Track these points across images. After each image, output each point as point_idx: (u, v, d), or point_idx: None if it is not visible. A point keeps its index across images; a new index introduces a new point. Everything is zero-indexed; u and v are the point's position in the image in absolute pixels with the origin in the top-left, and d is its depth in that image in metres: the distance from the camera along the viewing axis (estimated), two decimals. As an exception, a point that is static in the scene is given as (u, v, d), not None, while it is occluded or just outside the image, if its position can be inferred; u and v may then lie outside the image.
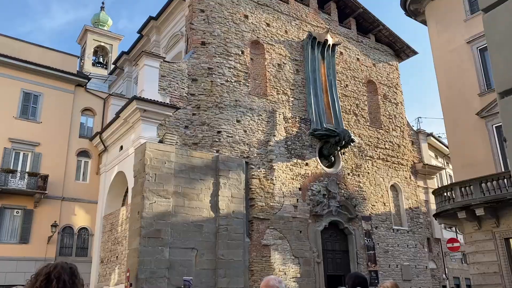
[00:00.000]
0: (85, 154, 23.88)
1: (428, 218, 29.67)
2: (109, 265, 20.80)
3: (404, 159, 29.59)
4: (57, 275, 2.15)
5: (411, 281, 26.24)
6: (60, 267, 2.19)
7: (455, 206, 15.55)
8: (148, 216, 17.46)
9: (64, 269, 2.20)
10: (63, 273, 2.17)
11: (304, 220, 22.72)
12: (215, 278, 18.39)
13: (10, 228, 20.84)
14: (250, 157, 21.89)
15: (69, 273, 2.20)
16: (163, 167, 18.39)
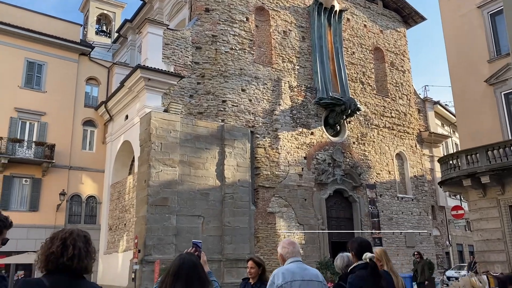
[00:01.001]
0: (91, 123, 23.95)
1: (433, 186, 29.80)
2: (117, 232, 21.22)
3: (410, 128, 29.44)
4: (73, 242, 2.17)
5: (415, 247, 26.55)
6: (76, 234, 2.22)
7: (461, 174, 15.56)
8: (154, 184, 17.65)
9: (79, 236, 2.22)
10: (78, 240, 2.19)
11: (309, 189, 22.89)
12: (222, 245, 18.75)
13: (19, 196, 21.20)
14: (255, 127, 21.86)
15: (83, 241, 2.22)
16: (168, 136, 18.44)
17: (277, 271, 3.48)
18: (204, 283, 2.71)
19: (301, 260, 3.64)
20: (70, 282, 2.14)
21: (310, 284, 3.42)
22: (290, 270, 3.44)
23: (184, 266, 2.71)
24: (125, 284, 17.93)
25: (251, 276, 4.87)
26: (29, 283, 2.13)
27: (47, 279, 2.12)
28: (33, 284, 2.11)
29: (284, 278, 3.37)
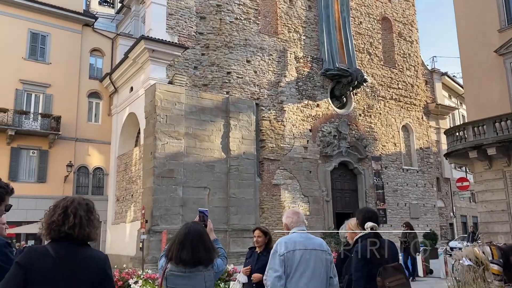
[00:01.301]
0: (96, 95, 23.92)
1: (438, 158, 29.77)
2: (124, 203, 21.52)
3: (417, 99, 29.16)
4: (74, 210, 2.19)
5: (419, 219, 26.83)
6: (77, 203, 2.23)
7: (467, 146, 15.49)
8: (160, 156, 17.76)
9: (80, 205, 2.23)
10: (79, 209, 2.21)
11: (314, 161, 22.94)
12: (227, 215, 19.00)
13: (27, 168, 21.45)
14: (261, 99, 21.74)
15: (85, 209, 2.23)
16: (173, 108, 18.42)
17: (280, 240, 3.52)
18: (209, 250, 2.81)
19: (305, 229, 3.66)
20: (74, 250, 2.17)
21: (313, 253, 3.45)
22: (293, 239, 3.48)
23: (189, 235, 2.80)
24: (133, 254, 18.32)
25: (258, 245, 4.97)
26: (34, 250, 2.17)
27: (52, 247, 2.15)
28: (38, 251, 2.15)
29: (286, 247, 3.41)
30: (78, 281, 2.12)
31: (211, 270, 2.82)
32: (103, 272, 2.20)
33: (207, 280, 2.79)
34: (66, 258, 2.14)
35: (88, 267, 2.17)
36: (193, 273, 2.76)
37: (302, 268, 3.37)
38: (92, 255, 2.22)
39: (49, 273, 2.09)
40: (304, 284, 3.33)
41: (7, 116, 20.53)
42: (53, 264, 2.11)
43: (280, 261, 3.35)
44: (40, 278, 2.08)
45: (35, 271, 2.09)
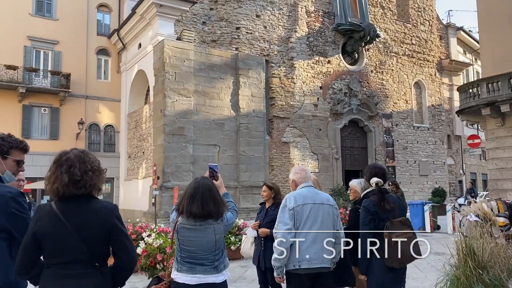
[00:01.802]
0: (105, 52, 23.72)
1: (450, 116, 29.44)
2: (136, 160, 21.85)
3: (430, 55, 28.47)
4: (68, 165, 2.21)
5: (428, 176, 26.92)
6: (68, 159, 2.24)
7: (480, 103, 15.24)
8: (170, 114, 17.80)
9: (70, 160, 2.23)
10: (73, 165, 2.21)
11: (324, 119, 22.84)
12: (237, 172, 19.23)
13: (40, 125, 21.70)
14: (270, 55, 21.39)
15: (79, 162, 2.23)
16: (182, 65, 18.25)
17: (289, 195, 3.61)
18: (218, 204, 2.88)
19: (312, 185, 3.75)
20: (80, 205, 2.20)
21: (321, 207, 3.53)
22: (301, 194, 3.58)
23: (199, 189, 2.87)
24: (146, 209, 18.79)
25: (264, 199, 5.11)
26: (41, 210, 2.23)
27: (57, 205, 2.19)
28: (44, 211, 2.21)
29: (296, 201, 3.51)
30: (88, 235, 2.16)
31: (220, 223, 2.88)
32: (111, 223, 2.23)
33: (217, 233, 2.86)
34: (71, 214, 2.17)
35: (96, 220, 2.20)
36: (203, 226, 2.83)
37: (311, 222, 3.47)
38: (98, 207, 2.24)
39: (58, 232, 2.14)
40: (313, 236, 3.44)
41: (17, 73, 20.56)
42: (59, 223, 2.15)
43: (290, 214, 3.45)
44: (49, 238, 2.14)
45: (43, 232, 2.15)
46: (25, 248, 2.16)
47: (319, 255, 3.43)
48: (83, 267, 2.16)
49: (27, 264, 2.17)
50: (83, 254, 2.15)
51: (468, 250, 4.74)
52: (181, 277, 2.81)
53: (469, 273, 4.60)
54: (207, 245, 2.83)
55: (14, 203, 2.38)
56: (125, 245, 2.28)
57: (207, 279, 2.80)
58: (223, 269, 2.89)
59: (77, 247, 2.14)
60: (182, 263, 2.85)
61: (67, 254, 2.15)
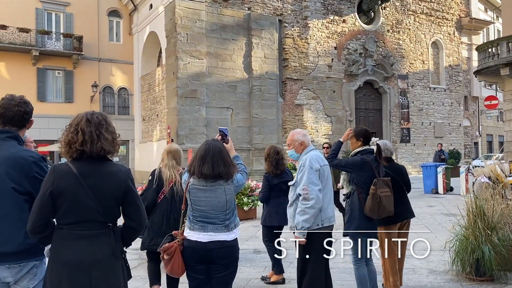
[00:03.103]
0: (116, 14, 23.46)
1: (468, 76, 28.76)
2: (150, 123, 22.04)
3: (449, 13, 27.50)
4: (83, 127, 2.23)
5: (443, 138, 26.66)
6: (85, 119, 2.26)
7: (499, 63, 14.83)
8: (183, 76, 17.75)
9: (89, 121, 2.26)
10: (89, 125, 2.24)
11: (338, 80, 22.53)
12: (250, 135, 19.31)
13: (54, 88, 21.90)
14: (284, 15, 20.91)
15: (96, 124, 2.26)
16: (194, 26, 18.00)
17: (310, 156, 3.72)
18: (228, 165, 2.95)
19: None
20: (95, 166, 2.25)
21: (327, 168, 3.81)
22: (319, 156, 3.77)
23: (210, 151, 2.94)
24: (161, 171, 19.11)
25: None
26: (58, 169, 2.26)
27: (73, 165, 2.24)
28: (61, 170, 2.25)
29: (318, 162, 3.69)
30: (104, 195, 2.22)
31: (231, 184, 2.94)
32: (126, 185, 2.28)
33: (227, 193, 2.93)
34: (88, 174, 2.21)
35: (110, 181, 2.25)
36: (214, 186, 2.91)
37: (326, 182, 3.70)
38: (113, 170, 2.29)
39: (74, 191, 2.19)
40: (330, 195, 3.74)
41: (30, 36, 20.56)
42: (76, 182, 2.19)
43: (317, 175, 3.62)
44: (66, 197, 2.19)
45: (60, 191, 2.19)
46: (41, 206, 2.18)
47: (333, 213, 3.75)
48: (97, 227, 2.21)
49: (42, 222, 2.19)
50: (98, 214, 2.20)
51: (478, 211, 4.78)
52: (194, 235, 2.92)
53: (478, 234, 4.66)
54: (218, 205, 2.92)
55: (36, 167, 2.44)
56: (138, 207, 2.35)
57: (218, 236, 2.90)
58: (233, 228, 2.98)
59: (93, 206, 2.19)
60: (194, 222, 2.95)
61: (82, 214, 2.20)
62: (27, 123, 2.63)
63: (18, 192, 2.36)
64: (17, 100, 2.57)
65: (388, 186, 4.09)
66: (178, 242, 2.96)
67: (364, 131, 4.35)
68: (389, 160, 4.80)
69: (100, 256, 2.20)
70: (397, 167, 4.81)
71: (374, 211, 3.98)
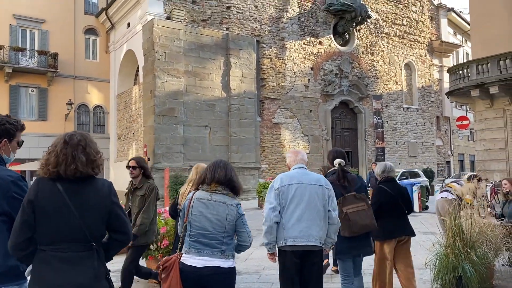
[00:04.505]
0: (93, 31, 23.28)
1: (439, 97, 29.65)
2: (126, 141, 21.72)
3: (421, 36, 28.48)
4: (57, 150, 2.20)
5: (417, 157, 27.24)
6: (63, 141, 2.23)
7: (470, 84, 15.35)
8: (160, 95, 17.65)
9: (66, 143, 2.23)
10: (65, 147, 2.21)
11: (314, 100, 22.85)
12: (228, 154, 19.25)
13: (27, 106, 21.39)
14: (261, 35, 21.20)
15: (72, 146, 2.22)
16: (172, 45, 18.02)
17: (278, 176, 3.73)
18: (237, 177, 3.15)
19: (304, 167, 3.81)
20: (80, 184, 2.20)
21: (308, 187, 3.59)
22: (289, 175, 3.69)
23: (221, 162, 3.16)
24: (137, 190, 18.76)
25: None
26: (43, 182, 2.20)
27: (58, 182, 2.18)
28: (44, 182, 2.19)
29: (282, 182, 3.62)
30: (89, 214, 2.17)
31: (234, 207, 2.97)
32: (110, 200, 2.26)
33: (228, 213, 2.93)
34: (74, 193, 2.17)
35: (97, 199, 2.22)
36: (217, 202, 2.95)
37: (297, 201, 3.54)
38: (98, 186, 2.25)
39: (58, 209, 2.13)
40: (298, 215, 3.52)
41: (3, 52, 20.13)
42: (60, 198, 2.14)
43: (275, 194, 3.57)
44: (48, 213, 2.13)
45: (43, 205, 2.13)
46: (23, 219, 2.11)
47: (305, 234, 3.49)
48: (80, 248, 2.15)
49: (25, 237, 2.11)
50: (81, 234, 2.14)
51: (457, 229, 4.86)
52: (189, 259, 2.89)
53: (458, 252, 4.73)
54: (217, 223, 2.91)
55: (15, 187, 2.38)
56: (124, 221, 2.32)
57: (213, 262, 2.85)
58: (230, 257, 2.93)
59: (76, 225, 2.13)
60: (190, 244, 2.93)
61: (64, 232, 2.13)
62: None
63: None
64: None
65: (361, 200, 4.13)
66: (177, 257, 2.94)
67: (330, 153, 4.60)
68: (391, 180, 4.94)
69: (82, 280, 2.13)
70: (398, 188, 4.90)
71: (344, 229, 3.96)
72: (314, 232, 3.51)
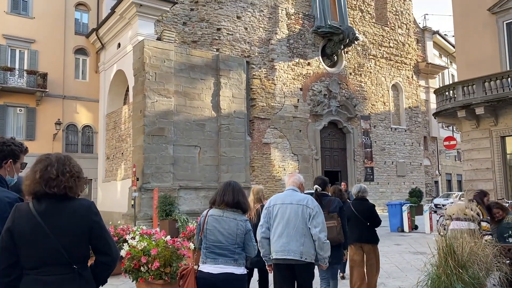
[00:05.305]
0: (83, 51, 23.32)
1: (426, 117, 30.10)
2: (115, 161, 21.54)
3: (407, 58, 29.06)
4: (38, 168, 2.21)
5: (405, 176, 27.45)
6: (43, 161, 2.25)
7: (456, 105, 15.65)
8: (150, 114, 17.64)
9: (43, 162, 2.24)
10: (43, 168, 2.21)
11: (304, 120, 23.03)
12: (218, 173, 19.19)
13: (15, 125, 21.17)
14: (251, 56, 21.45)
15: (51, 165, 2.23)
16: (162, 65, 18.11)
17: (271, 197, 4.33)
18: (245, 198, 3.60)
19: (294, 188, 4.24)
20: (56, 204, 2.19)
21: (289, 206, 4.04)
22: (277, 196, 4.25)
23: (230, 185, 3.60)
24: (125, 210, 18.55)
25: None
26: (18, 210, 2.21)
27: (33, 204, 2.19)
28: (21, 210, 2.19)
29: (269, 202, 4.22)
30: (66, 236, 2.14)
31: (244, 222, 3.42)
32: (89, 220, 2.21)
33: (238, 228, 3.38)
34: (48, 214, 2.15)
35: (74, 220, 2.18)
36: (228, 218, 3.40)
37: (278, 219, 4.05)
38: (75, 206, 2.21)
39: (34, 233, 2.12)
40: (279, 232, 4.00)
41: (-9, 72, 20.02)
42: (35, 222, 2.13)
43: (264, 214, 4.18)
44: (25, 238, 2.12)
45: (19, 231, 2.13)
46: (2, 247, 2.12)
47: (285, 248, 3.93)
48: (61, 271, 2.13)
49: (6, 264, 2.12)
50: (61, 257, 2.12)
51: (448, 249, 4.89)
52: (206, 267, 3.33)
53: (449, 272, 4.74)
54: (228, 236, 3.34)
55: (11, 209, 2.34)
56: (107, 241, 2.27)
57: (227, 269, 3.29)
58: (242, 265, 3.38)
59: (54, 248, 2.11)
60: (206, 255, 3.36)
61: (43, 256, 2.12)
62: (0, 162, 2.61)
63: None
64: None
65: (332, 218, 5.02)
66: (193, 265, 3.42)
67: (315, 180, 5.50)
68: (362, 199, 6.15)
69: None
70: (362, 205, 6.06)
71: None
72: (294, 247, 3.91)
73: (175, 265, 5.49)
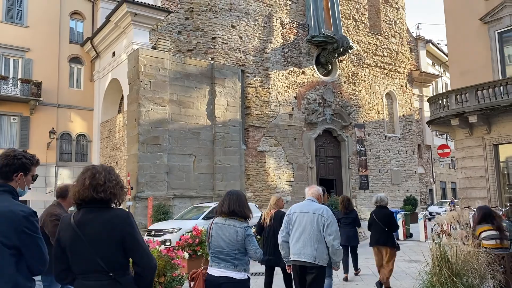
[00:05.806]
0: (77, 60, 23.32)
1: (420, 126, 30.26)
2: (109, 170, 21.43)
3: (401, 67, 29.28)
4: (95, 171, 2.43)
5: (400, 184, 27.51)
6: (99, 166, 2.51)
7: (449, 114, 15.74)
8: (145, 123, 17.62)
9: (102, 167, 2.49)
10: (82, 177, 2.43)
11: (298, 128, 23.09)
12: (213, 182, 19.16)
13: (8, 134, 21.07)
14: (246, 65, 21.53)
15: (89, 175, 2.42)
16: (157, 74, 18.13)
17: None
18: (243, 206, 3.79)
19: (312, 199, 4.77)
20: (93, 214, 2.36)
21: (306, 215, 4.57)
22: (297, 205, 4.79)
23: (228, 195, 3.86)
24: (119, 220, 18.44)
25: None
26: (62, 221, 2.44)
27: (74, 215, 2.39)
28: (64, 222, 2.43)
29: (290, 210, 4.77)
30: (100, 245, 2.28)
31: (243, 229, 3.65)
32: (122, 231, 2.33)
33: (238, 235, 3.63)
34: (85, 224, 2.32)
35: (107, 231, 2.31)
36: (229, 226, 3.68)
37: (296, 226, 4.59)
38: (110, 216, 2.36)
39: (74, 244, 2.31)
40: (296, 237, 4.55)
41: (-15, 81, 19.94)
42: (73, 232, 2.32)
43: (285, 220, 4.74)
44: (68, 247, 2.33)
45: (64, 240, 2.36)
46: (54, 254, 2.39)
47: (300, 251, 4.47)
48: (102, 278, 2.29)
49: (60, 269, 2.37)
50: (97, 265, 2.28)
51: (443, 257, 4.89)
52: (211, 270, 3.67)
53: (444, 280, 4.74)
54: (229, 242, 3.62)
55: (26, 222, 2.41)
56: (140, 253, 2.36)
57: (227, 273, 3.58)
58: (242, 270, 3.64)
59: (91, 257, 2.28)
60: (212, 259, 3.70)
61: (84, 265, 2.31)
62: (11, 175, 2.63)
63: (5, 246, 2.34)
64: (4, 153, 2.67)
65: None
66: (202, 268, 3.71)
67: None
68: (382, 207, 7.15)
69: None
70: (381, 212, 7.04)
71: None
72: (308, 251, 4.44)
73: (169, 274, 5.46)
